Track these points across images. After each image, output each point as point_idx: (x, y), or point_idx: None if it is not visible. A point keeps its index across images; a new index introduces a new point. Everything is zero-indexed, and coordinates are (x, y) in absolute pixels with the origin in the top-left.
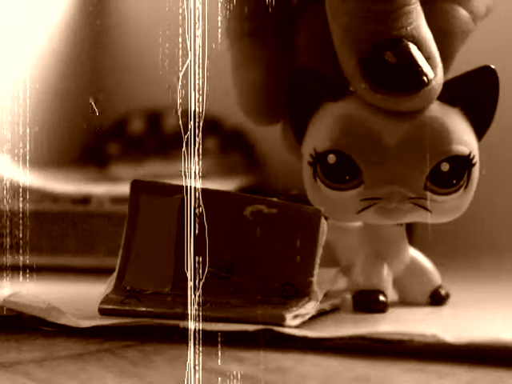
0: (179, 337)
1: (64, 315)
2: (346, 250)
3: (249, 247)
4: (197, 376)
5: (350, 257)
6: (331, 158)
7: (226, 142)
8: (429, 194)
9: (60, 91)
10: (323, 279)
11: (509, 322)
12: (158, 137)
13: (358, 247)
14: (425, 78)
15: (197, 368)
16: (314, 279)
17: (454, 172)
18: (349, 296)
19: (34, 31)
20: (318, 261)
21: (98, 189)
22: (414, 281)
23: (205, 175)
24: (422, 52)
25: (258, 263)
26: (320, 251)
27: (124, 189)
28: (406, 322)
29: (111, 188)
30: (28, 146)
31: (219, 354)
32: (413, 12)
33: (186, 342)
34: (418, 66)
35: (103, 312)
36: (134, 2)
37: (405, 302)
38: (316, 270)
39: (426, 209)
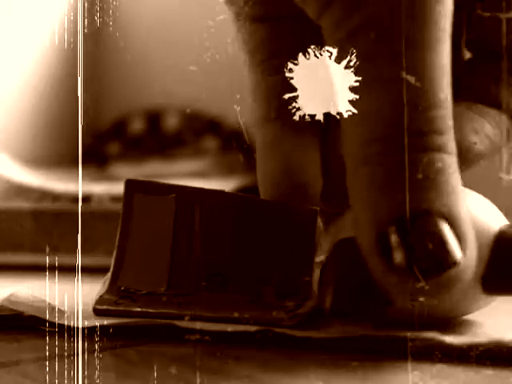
0: (179, 337)
1: (64, 315)
2: None
3: (244, 249)
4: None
5: None
6: None
7: (226, 142)
8: None
9: (60, 91)
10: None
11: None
12: (158, 137)
13: None
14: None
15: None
16: (311, 278)
17: None
18: None
19: (33, 32)
20: (314, 260)
21: (98, 188)
22: None
23: (205, 175)
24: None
25: (253, 268)
26: (316, 250)
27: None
28: None
29: (111, 187)
30: (28, 146)
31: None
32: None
33: (186, 342)
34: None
35: (98, 312)
36: (134, 2)
37: None
38: (313, 269)
39: None
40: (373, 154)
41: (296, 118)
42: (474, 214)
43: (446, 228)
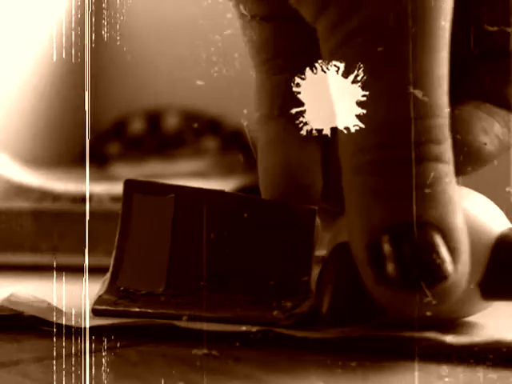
0: (179, 337)
1: (64, 315)
2: None
3: (243, 249)
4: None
5: None
6: None
7: (226, 142)
8: None
9: (60, 91)
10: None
11: None
12: (158, 137)
13: None
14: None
15: None
16: (310, 278)
17: None
18: None
19: (33, 31)
20: (313, 259)
21: (98, 188)
22: None
23: (205, 175)
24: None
25: (252, 267)
26: (314, 250)
27: None
28: None
29: (111, 187)
30: (28, 146)
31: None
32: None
33: (185, 342)
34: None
35: (96, 313)
36: (134, 3)
37: None
38: (312, 269)
39: None
40: (367, 162)
41: (303, 132)
42: (475, 215)
43: (439, 240)
